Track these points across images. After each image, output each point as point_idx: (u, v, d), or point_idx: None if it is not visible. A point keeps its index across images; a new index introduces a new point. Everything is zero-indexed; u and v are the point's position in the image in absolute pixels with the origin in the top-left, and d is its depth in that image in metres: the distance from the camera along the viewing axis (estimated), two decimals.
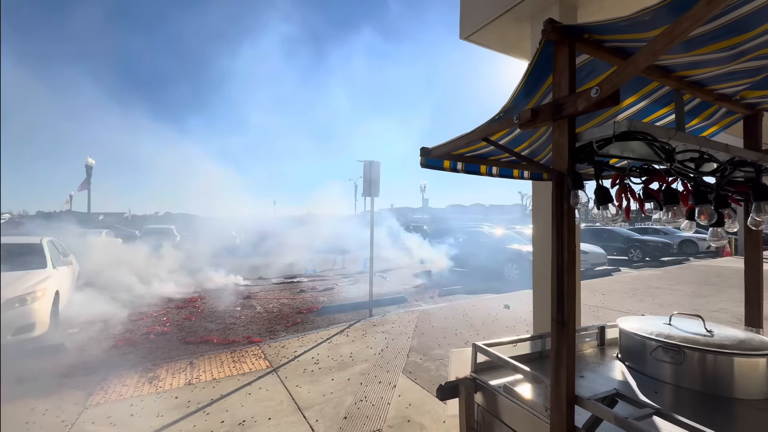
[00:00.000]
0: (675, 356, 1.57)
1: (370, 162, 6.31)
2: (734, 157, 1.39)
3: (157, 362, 4.21)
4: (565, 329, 1.18)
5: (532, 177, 2.46)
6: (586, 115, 1.68)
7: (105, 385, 3.59)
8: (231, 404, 3.20)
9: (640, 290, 8.16)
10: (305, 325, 5.91)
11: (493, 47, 3.87)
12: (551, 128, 1.89)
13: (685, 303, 6.95)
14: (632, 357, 1.78)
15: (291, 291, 8.81)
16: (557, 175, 1.21)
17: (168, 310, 6.88)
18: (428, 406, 3.15)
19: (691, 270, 11.50)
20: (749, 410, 1.41)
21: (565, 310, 1.17)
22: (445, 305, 6.95)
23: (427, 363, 4.08)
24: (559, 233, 1.19)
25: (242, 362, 4.15)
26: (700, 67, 1.45)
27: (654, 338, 1.64)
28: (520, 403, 1.43)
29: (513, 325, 5.50)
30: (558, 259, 1.19)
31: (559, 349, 1.19)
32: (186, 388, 3.52)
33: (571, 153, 1.19)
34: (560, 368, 1.18)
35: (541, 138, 1.88)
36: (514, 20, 3.37)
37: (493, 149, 1.97)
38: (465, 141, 1.65)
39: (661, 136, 1.15)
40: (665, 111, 1.79)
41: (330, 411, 3.08)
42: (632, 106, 1.74)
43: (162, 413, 3.04)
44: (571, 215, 1.20)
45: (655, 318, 1.97)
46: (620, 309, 6.51)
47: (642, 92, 1.62)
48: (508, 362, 1.53)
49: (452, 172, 2.12)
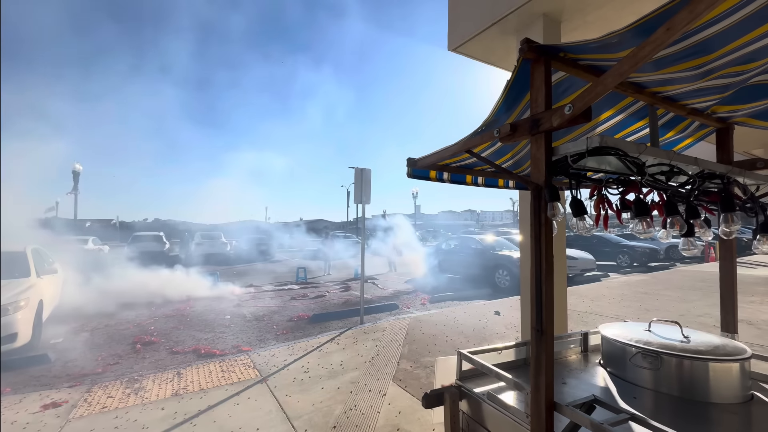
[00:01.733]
0: (653, 362, 1.61)
1: (361, 169, 6.35)
2: (704, 170, 1.45)
3: (144, 373, 4.14)
4: (543, 337, 1.21)
5: (517, 186, 2.52)
6: (565, 129, 1.75)
7: (89, 396, 3.52)
8: (219, 415, 3.16)
9: (628, 296, 8.28)
10: (296, 332, 5.87)
11: (481, 59, 3.97)
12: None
13: (671, 308, 7.08)
14: (613, 363, 1.83)
15: (282, 298, 8.74)
16: (535, 187, 1.25)
17: (155, 319, 6.77)
18: (418, 414, 3.15)
19: (678, 275, 11.72)
20: (724, 414, 1.46)
21: (544, 318, 1.20)
22: (437, 312, 6.97)
23: (417, 371, 4.09)
24: (537, 243, 1.23)
25: (231, 372, 4.11)
26: (672, 84, 1.52)
27: (633, 344, 1.69)
28: (502, 410, 1.46)
29: (503, 332, 5.54)
30: (536, 269, 1.23)
31: (538, 356, 1.22)
32: (173, 398, 3.47)
33: (548, 166, 1.24)
34: (539, 375, 1.21)
35: (523, 150, 1.94)
36: (501, 33, 3.46)
37: (476, 161, 2.02)
38: (449, 153, 1.70)
39: (632, 151, 1.20)
40: (641, 124, 1.86)
41: (319, 420, 3.06)
42: (609, 120, 1.80)
43: (147, 425, 2.99)
44: (548, 226, 1.24)
45: (636, 324, 2.02)
46: (608, 315, 6.60)
47: (618, 106, 1.69)
48: (491, 370, 1.56)
49: (439, 182, 2.16)
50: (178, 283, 9.78)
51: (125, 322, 6.57)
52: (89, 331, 6.03)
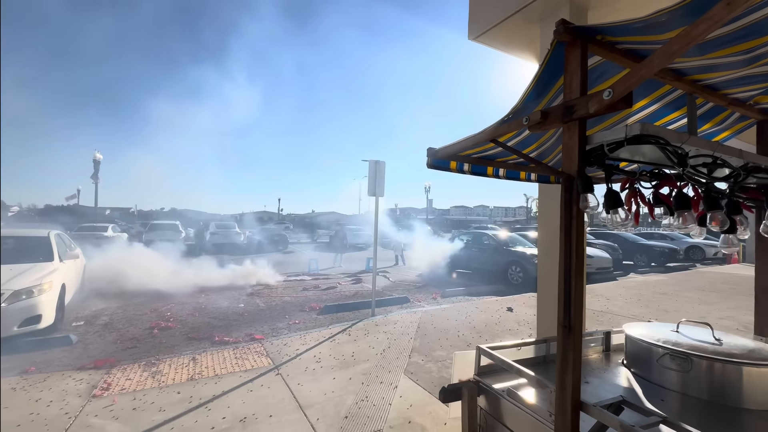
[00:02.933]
0: (682, 364, 1.54)
1: (375, 161, 6.30)
2: (748, 162, 1.36)
3: (160, 357, 4.24)
4: (571, 334, 1.16)
5: (539, 179, 2.44)
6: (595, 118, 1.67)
7: (108, 378, 3.62)
8: (232, 401, 3.21)
9: (646, 296, 8.07)
10: (307, 323, 5.92)
11: (502, 48, 3.85)
12: (560, 130, 1.88)
13: (691, 310, 6.87)
14: (638, 364, 1.76)
15: (294, 289, 8.83)
16: (566, 177, 1.19)
17: (171, 305, 6.92)
18: (430, 407, 3.14)
19: (697, 276, 11.37)
20: (758, 421, 1.38)
21: (573, 314, 1.15)
22: (448, 306, 6.93)
23: (428, 364, 4.07)
24: (567, 237, 1.18)
25: (244, 359, 4.16)
26: (714, 70, 1.42)
27: (661, 345, 1.62)
28: (523, 407, 1.42)
29: (516, 329, 5.47)
30: (566, 263, 1.17)
31: (565, 353, 1.18)
32: (188, 383, 3.54)
33: (581, 156, 1.17)
34: (566, 373, 1.17)
35: (549, 140, 1.86)
36: (524, 21, 3.35)
37: (501, 151, 1.95)
38: (473, 142, 1.64)
39: (674, 140, 1.13)
40: (677, 115, 1.77)
41: (331, 410, 3.08)
42: (643, 110, 1.71)
43: (164, 408, 3.06)
44: (580, 219, 1.18)
45: (662, 325, 1.94)
46: (625, 314, 6.45)
47: (653, 95, 1.60)
48: (512, 366, 1.52)
49: (458, 173, 2.11)
50: (194, 271, 9.98)
51: (142, 307, 6.74)
52: (108, 315, 6.21)
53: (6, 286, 4.52)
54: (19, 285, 4.60)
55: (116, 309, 6.59)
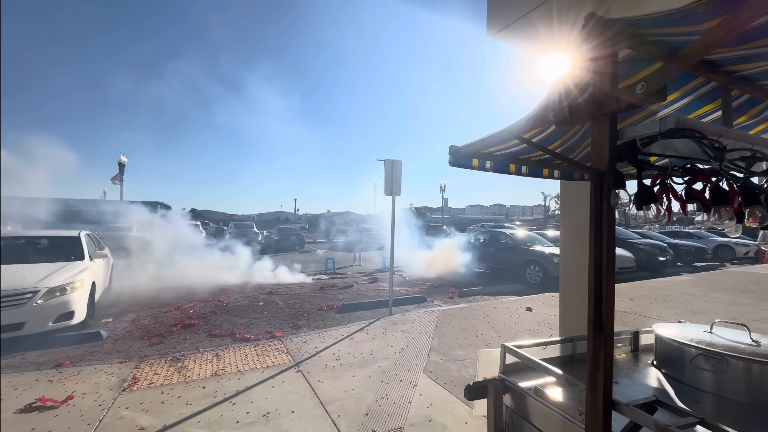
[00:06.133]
0: (717, 365, 1.49)
1: (392, 161, 6.31)
2: None
3: (185, 353, 4.37)
4: (602, 332, 1.14)
5: (562, 176, 2.40)
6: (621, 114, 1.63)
7: (137, 372, 3.76)
8: (255, 396, 3.28)
9: (672, 296, 7.80)
10: (326, 321, 5.98)
11: (523, 44, 3.79)
12: (585, 126, 1.85)
13: (721, 311, 6.60)
14: (670, 364, 1.71)
15: (312, 287, 8.94)
16: (596, 173, 1.17)
17: (194, 303, 7.11)
18: (450, 406, 3.13)
19: (727, 276, 10.91)
20: None
21: (604, 312, 1.13)
22: (466, 306, 6.88)
23: (447, 363, 4.05)
24: (597, 233, 1.16)
25: (265, 356, 4.25)
26: (751, 61, 1.37)
27: (695, 345, 1.57)
28: (552, 406, 1.40)
29: (536, 329, 5.38)
30: (596, 260, 1.15)
31: (596, 352, 1.16)
32: (213, 378, 3.64)
33: (612, 151, 1.15)
34: (597, 372, 1.15)
35: (575, 136, 1.83)
36: (546, 16, 3.28)
37: (524, 148, 1.93)
38: (497, 139, 1.63)
39: (711, 133, 1.09)
40: (709, 108, 1.70)
41: (352, 407, 3.11)
42: (674, 104, 1.66)
43: (191, 402, 3.16)
44: (610, 215, 1.16)
45: (694, 326, 1.88)
46: (650, 315, 6.25)
47: (685, 88, 1.55)
48: (539, 365, 1.50)
49: (481, 170, 2.09)
50: (215, 270, 10.23)
51: (167, 305, 6.95)
52: (135, 312, 6.44)
53: (41, 283, 4.75)
54: (53, 283, 4.83)
55: (142, 306, 6.83)
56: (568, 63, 1.31)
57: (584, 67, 1.29)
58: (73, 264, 5.60)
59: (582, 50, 1.21)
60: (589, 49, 1.19)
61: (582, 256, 3.32)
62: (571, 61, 1.30)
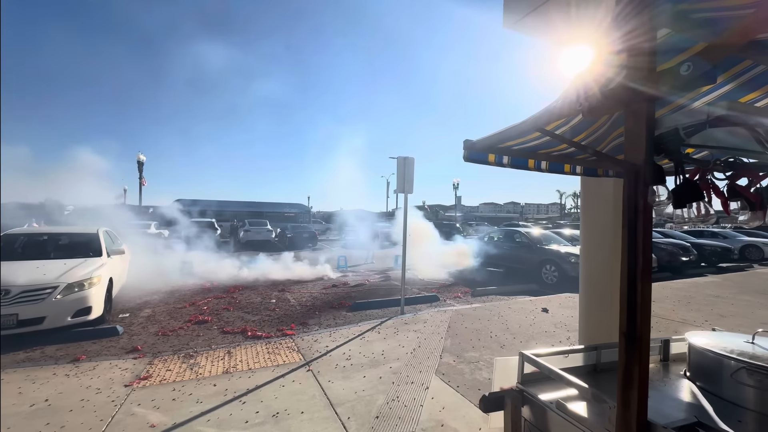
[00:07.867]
0: (763, 381, 1.35)
1: (404, 158, 6.20)
2: None
3: (198, 349, 4.39)
4: (636, 345, 1.02)
5: (585, 172, 2.26)
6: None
7: (150, 368, 3.78)
8: (265, 395, 3.25)
9: (696, 299, 7.46)
10: (337, 319, 5.94)
11: (540, 36, 3.62)
12: (613, 117, 1.71)
13: (751, 315, 6.26)
14: (706, 377, 1.57)
15: (323, 285, 8.92)
16: (630, 167, 1.05)
17: (208, 300, 7.18)
18: (463, 411, 3.03)
19: (756, 278, 10.39)
20: None
21: (639, 322, 1.02)
22: (479, 306, 6.73)
23: (461, 365, 3.94)
24: (632, 234, 1.04)
25: (276, 354, 4.23)
26: None
27: (736, 358, 1.43)
28: (576, 423, 1.29)
29: (552, 331, 5.20)
30: (630, 264, 1.04)
31: (628, 367, 1.04)
32: (224, 376, 3.63)
33: (649, 142, 1.03)
34: (630, 389, 1.03)
35: (602, 127, 1.69)
36: (565, 5, 3.12)
37: (544, 141, 1.80)
38: (516, 132, 1.52)
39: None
40: (756, 95, 1.54)
41: (362, 409, 3.04)
42: (715, 90, 1.51)
43: (201, 400, 3.14)
44: (646, 214, 1.04)
45: (733, 335, 1.73)
46: (674, 318, 5.98)
47: (730, 72, 1.40)
48: (562, 377, 1.38)
49: (497, 166, 1.97)
50: (230, 267, 10.34)
51: (182, 300, 7.04)
52: (151, 307, 6.53)
53: (61, 279, 4.85)
54: (72, 278, 4.92)
55: (157, 302, 6.93)
56: (597, 45, 1.18)
57: (618, 49, 1.16)
58: (92, 260, 5.71)
59: (616, 29, 1.09)
60: (624, 29, 1.06)
61: (604, 257, 3.15)
62: (601, 43, 1.18)
